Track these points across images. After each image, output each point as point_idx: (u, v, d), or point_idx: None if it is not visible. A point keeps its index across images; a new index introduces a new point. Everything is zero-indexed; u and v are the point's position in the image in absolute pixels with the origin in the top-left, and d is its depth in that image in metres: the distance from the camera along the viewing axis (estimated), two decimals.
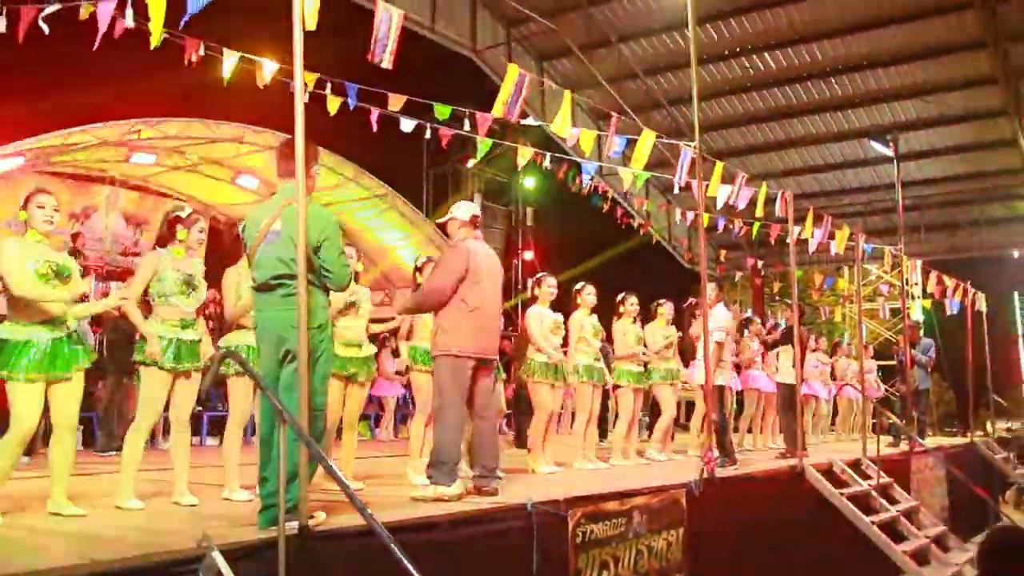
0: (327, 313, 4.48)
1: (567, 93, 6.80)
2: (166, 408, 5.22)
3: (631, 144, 7.35)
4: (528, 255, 23.73)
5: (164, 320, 5.06)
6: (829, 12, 14.89)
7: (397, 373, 12.73)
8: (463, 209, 6.01)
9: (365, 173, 15.87)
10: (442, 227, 6.38)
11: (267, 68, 8.29)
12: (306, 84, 8.43)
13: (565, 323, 8.25)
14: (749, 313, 13.85)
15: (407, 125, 9.14)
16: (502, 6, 15.17)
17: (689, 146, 7.06)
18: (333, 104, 9.08)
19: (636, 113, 17.11)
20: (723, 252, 19.68)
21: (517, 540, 5.09)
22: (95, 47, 5.41)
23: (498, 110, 6.02)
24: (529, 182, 23.17)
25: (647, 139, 6.84)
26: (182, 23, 5.09)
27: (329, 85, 8.59)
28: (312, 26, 4.27)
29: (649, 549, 6.26)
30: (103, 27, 5.34)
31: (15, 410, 4.33)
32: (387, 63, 4.95)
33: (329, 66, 8.81)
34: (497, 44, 15.83)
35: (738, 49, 15.65)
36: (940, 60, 15.54)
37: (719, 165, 7.66)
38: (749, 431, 11.67)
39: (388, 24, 4.87)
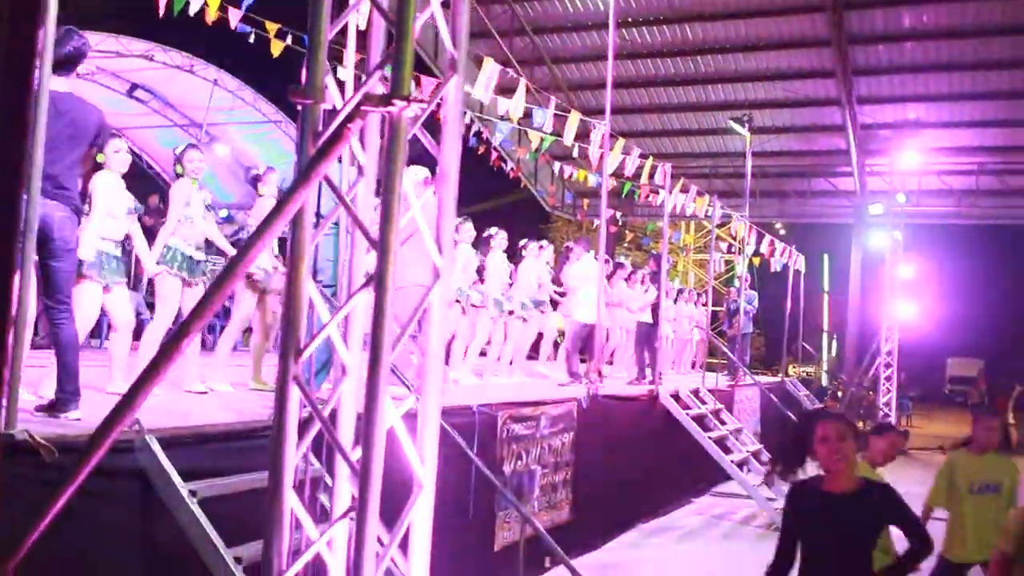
0: None
1: (523, 82, 8.17)
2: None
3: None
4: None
5: None
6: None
7: None
8: (414, 173, 7.41)
9: (263, 98, 16.46)
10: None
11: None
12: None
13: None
14: (623, 260, 15.60)
15: (345, 74, 10.12)
16: None
17: (603, 125, 8.59)
18: (277, 47, 9.95)
19: (521, 66, 18.52)
20: (585, 201, 21.53)
21: (464, 431, 6.58)
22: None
23: (479, 93, 7.30)
24: None
25: (575, 119, 8.33)
26: None
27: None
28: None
29: (549, 447, 7.92)
30: None
31: None
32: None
33: None
34: None
35: (618, 21, 17.22)
36: (790, 51, 17.82)
37: (621, 141, 9.26)
38: (610, 363, 13.52)
39: None
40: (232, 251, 6.46)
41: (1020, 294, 52.93)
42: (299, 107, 2.25)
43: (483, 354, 10.47)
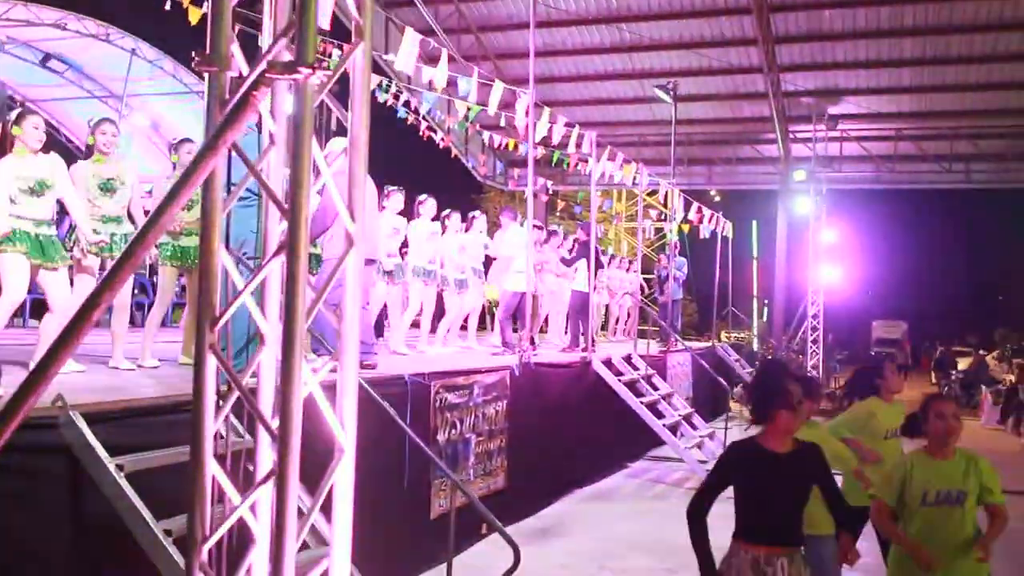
0: None
1: (445, 51, 8.14)
2: None
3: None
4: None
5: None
6: None
7: None
8: (339, 144, 7.34)
9: (184, 68, 16.07)
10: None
11: None
12: None
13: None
14: (556, 228, 15.64)
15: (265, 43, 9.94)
16: None
17: (526, 93, 8.63)
18: (194, 14, 9.71)
19: (447, 35, 18.43)
20: (516, 171, 21.60)
21: (396, 401, 6.61)
22: None
23: (401, 64, 7.26)
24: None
25: (498, 88, 8.34)
26: None
27: None
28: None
29: (483, 415, 8.01)
30: None
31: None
32: None
33: None
34: None
35: None
36: (713, 19, 18.04)
37: (546, 110, 9.31)
38: (543, 331, 13.65)
39: None
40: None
41: (938, 256, 54.84)
42: (206, 75, 2.25)
43: (415, 325, 10.50)
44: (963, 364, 25.23)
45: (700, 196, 20.47)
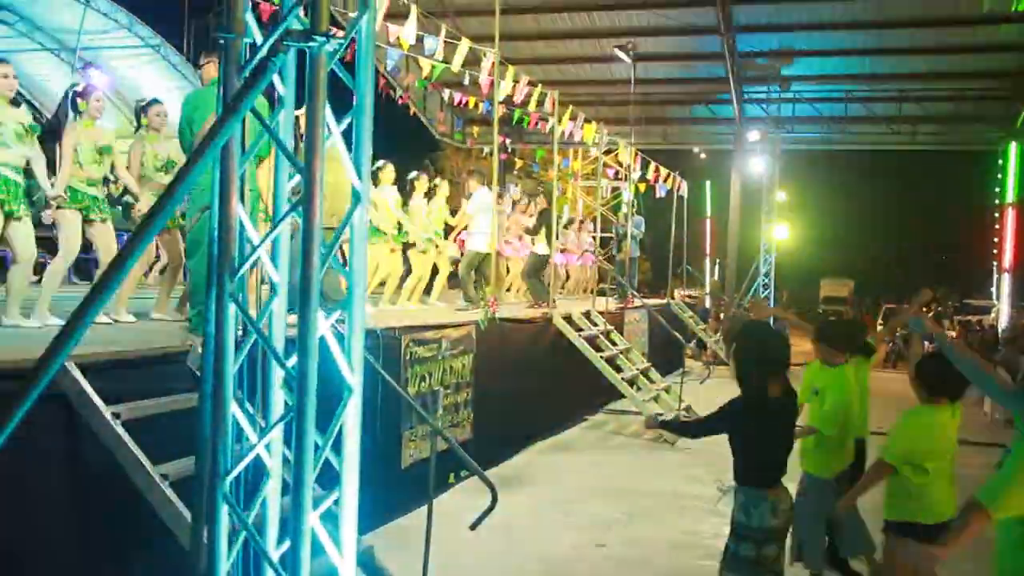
0: None
1: (414, 8, 8.17)
2: None
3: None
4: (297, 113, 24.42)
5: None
6: None
7: None
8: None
9: (140, 22, 15.83)
10: None
11: None
12: None
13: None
14: (515, 191, 15.78)
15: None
16: None
17: (491, 51, 8.73)
18: None
19: None
20: (475, 129, 21.61)
21: (369, 355, 6.79)
22: None
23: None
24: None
25: (464, 46, 8.43)
26: None
27: None
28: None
29: (451, 368, 8.23)
30: None
31: None
32: None
33: None
34: None
35: None
36: None
37: (511, 69, 9.42)
38: (508, 289, 13.83)
39: None
40: (131, 182, 6.48)
41: (884, 215, 56.05)
42: (222, 41, 2.39)
43: (381, 284, 10.64)
44: None
45: (655, 155, 20.72)
